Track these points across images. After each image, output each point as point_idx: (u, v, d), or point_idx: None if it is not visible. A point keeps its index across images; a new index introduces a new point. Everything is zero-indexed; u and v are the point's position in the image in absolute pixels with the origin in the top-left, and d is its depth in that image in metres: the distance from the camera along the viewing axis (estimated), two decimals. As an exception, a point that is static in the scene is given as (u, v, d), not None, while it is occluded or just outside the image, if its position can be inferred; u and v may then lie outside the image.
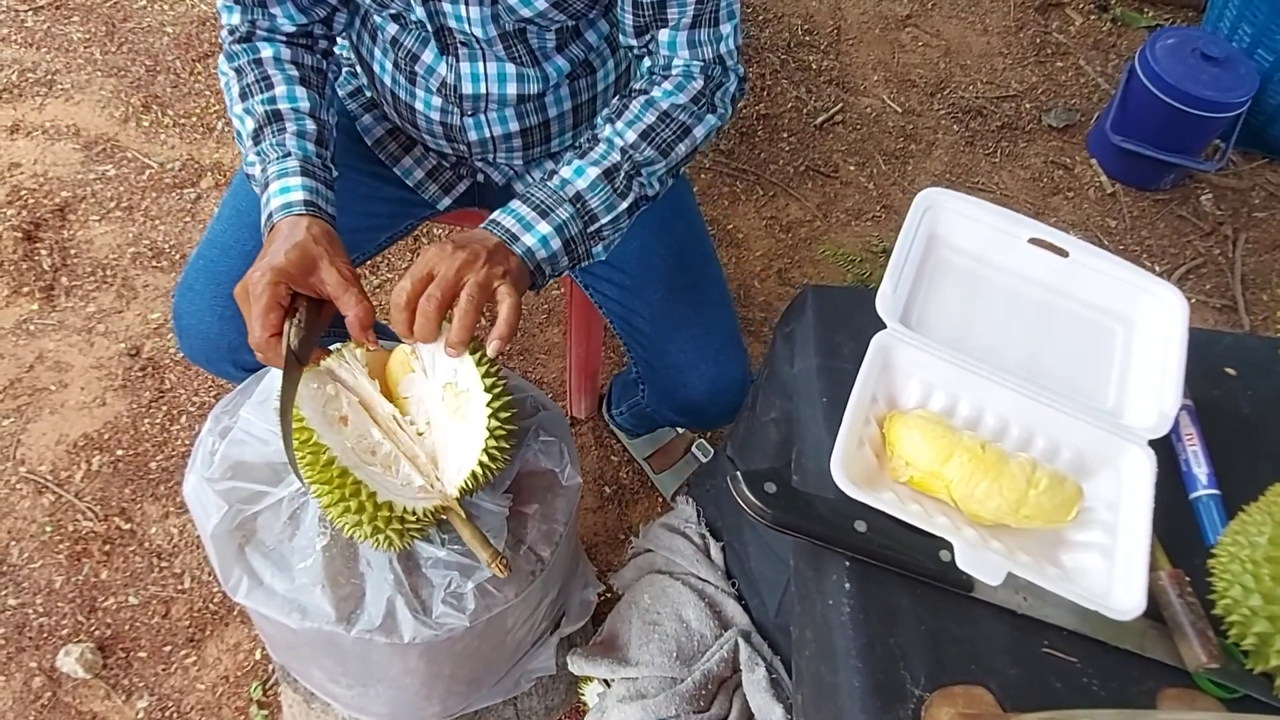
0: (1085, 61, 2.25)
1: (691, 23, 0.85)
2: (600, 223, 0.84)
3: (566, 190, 0.82)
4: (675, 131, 0.86)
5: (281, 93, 0.85)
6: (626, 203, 0.85)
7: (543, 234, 0.80)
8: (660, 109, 0.86)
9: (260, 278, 0.73)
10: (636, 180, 0.85)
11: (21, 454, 1.38)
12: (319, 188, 0.81)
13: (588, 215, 0.83)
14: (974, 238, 0.76)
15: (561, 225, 0.81)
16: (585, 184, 0.82)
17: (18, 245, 1.56)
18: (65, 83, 1.79)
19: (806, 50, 2.15)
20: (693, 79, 0.87)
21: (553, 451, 0.90)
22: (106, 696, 1.22)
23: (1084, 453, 0.68)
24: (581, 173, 0.83)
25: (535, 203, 0.81)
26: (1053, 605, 0.61)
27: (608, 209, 0.84)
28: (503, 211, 0.81)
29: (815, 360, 0.72)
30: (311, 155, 0.83)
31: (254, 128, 0.84)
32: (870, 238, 1.86)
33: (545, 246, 0.80)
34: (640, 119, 0.85)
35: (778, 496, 0.60)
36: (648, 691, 0.95)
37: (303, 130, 0.84)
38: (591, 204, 0.83)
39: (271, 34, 0.89)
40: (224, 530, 0.81)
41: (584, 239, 0.83)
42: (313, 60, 0.91)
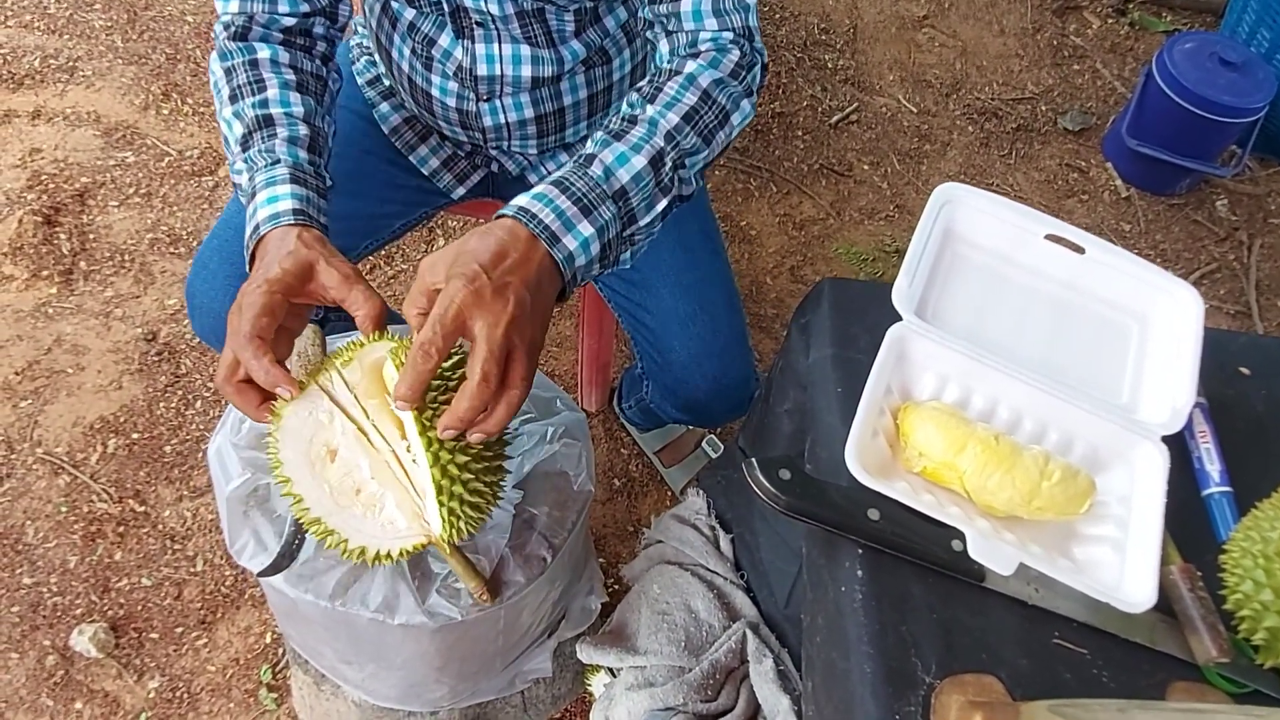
0: (1102, 65, 2.25)
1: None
2: (638, 224, 0.74)
3: (611, 184, 0.70)
4: (717, 116, 0.77)
5: (274, 95, 0.79)
6: (665, 201, 0.75)
7: (585, 236, 0.68)
8: (701, 87, 0.76)
9: (254, 289, 0.66)
10: (679, 173, 0.75)
11: (39, 435, 1.40)
12: (310, 195, 0.74)
13: (628, 215, 0.72)
14: (991, 233, 0.77)
15: (604, 226, 0.70)
16: (629, 176, 0.71)
17: (37, 229, 1.57)
18: (86, 70, 1.81)
19: (822, 49, 2.15)
20: (727, 51, 0.78)
21: (571, 455, 0.90)
22: (118, 676, 1.24)
23: (1097, 447, 0.68)
24: (625, 161, 0.71)
25: (576, 195, 0.69)
26: (1064, 597, 0.62)
27: (647, 208, 0.73)
28: (536, 199, 0.67)
29: (830, 351, 0.72)
30: (303, 162, 0.77)
31: (242, 133, 0.78)
32: (883, 237, 1.86)
33: (585, 252, 0.68)
34: (680, 99, 0.75)
35: (792, 483, 0.61)
36: (656, 680, 0.96)
37: (295, 136, 0.78)
38: (634, 201, 0.72)
39: (269, 30, 0.84)
40: (240, 495, 0.82)
41: (618, 243, 0.73)
42: (312, 66, 0.86)
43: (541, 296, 0.65)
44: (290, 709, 1.23)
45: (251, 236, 0.73)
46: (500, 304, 0.61)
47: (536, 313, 0.64)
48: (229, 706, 1.23)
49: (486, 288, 0.61)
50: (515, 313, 0.61)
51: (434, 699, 1.02)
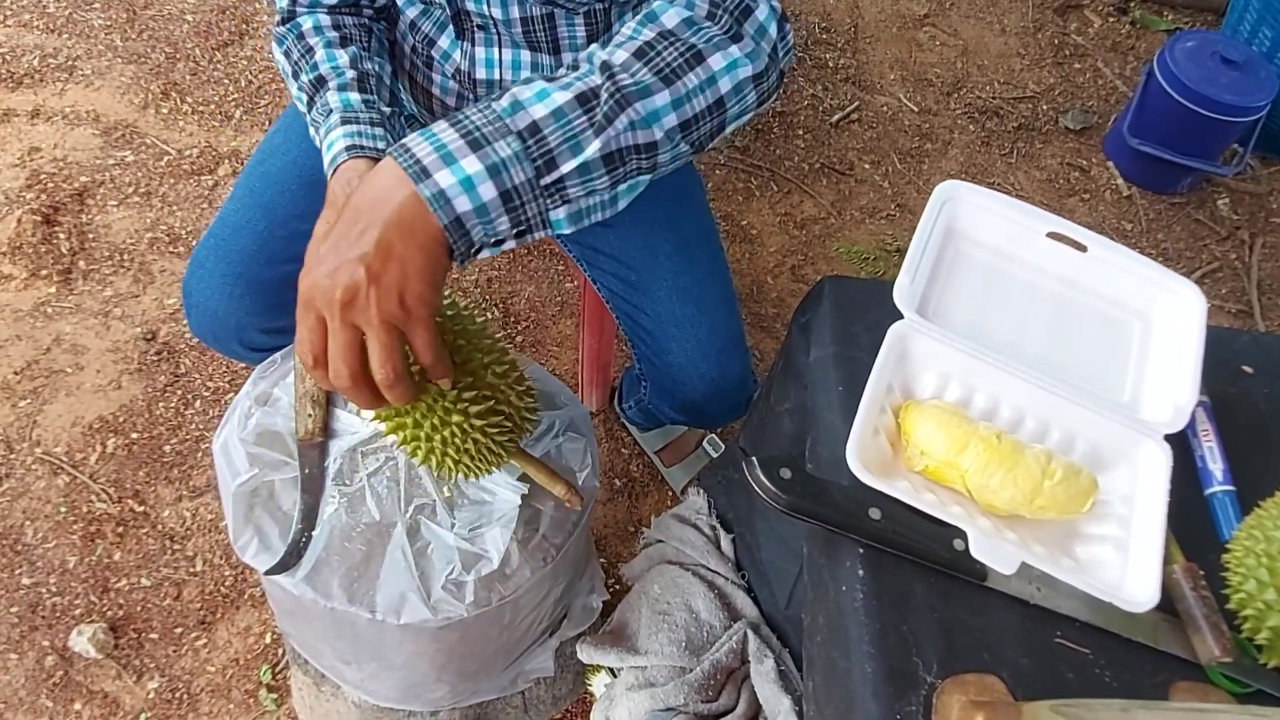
0: (1103, 63, 2.24)
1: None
2: (562, 170, 0.58)
3: (518, 118, 0.57)
4: (682, 54, 0.62)
5: (322, 57, 0.84)
6: (601, 142, 0.58)
7: (468, 173, 0.56)
8: (662, 26, 0.63)
9: (310, 245, 0.63)
10: (627, 114, 0.59)
11: (37, 435, 1.40)
12: (360, 129, 0.78)
13: (544, 157, 0.58)
14: (992, 231, 0.76)
15: (500, 165, 0.56)
16: (546, 111, 0.57)
17: (36, 229, 1.57)
18: (86, 68, 1.81)
19: (823, 48, 2.15)
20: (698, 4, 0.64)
21: (576, 451, 0.90)
22: (118, 676, 1.24)
23: (1099, 445, 0.68)
24: (544, 96, 0.58)
25: (467, 128, 0.57)
26: (1066, 596, 0.61)
27: (573, 149, 0.58)
28: (421, 133, 0.57)
29: (831, 349, 0.72)
30: (353, 104, 0.80)
31: (308, 100, 0.83)
32: (884, 236, 1.86)
33: (470, 193, 0.56)
34: (635, 37, 0.62)
35: (792, 482, 0.60)
36: (656, 681, 0.95)
37: (343, 84, 0.82)
38: (551, 140, 0.57)
39: (314, 8, 0.88)
40: (245, 491, 0.82)
41: (537, 194, 0.58)
42: (355, 21, 0.89)
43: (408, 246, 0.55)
44: (290, 709, 1.23)
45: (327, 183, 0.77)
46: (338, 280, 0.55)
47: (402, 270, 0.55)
48: (229, 707, 1.23)
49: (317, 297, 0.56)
50: (345, 299, 0.55)
51: (434, 699, 1.02)
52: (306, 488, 0.83)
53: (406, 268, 0.55)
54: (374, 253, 0.55)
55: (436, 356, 0.59)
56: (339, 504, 0.84)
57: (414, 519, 0.85)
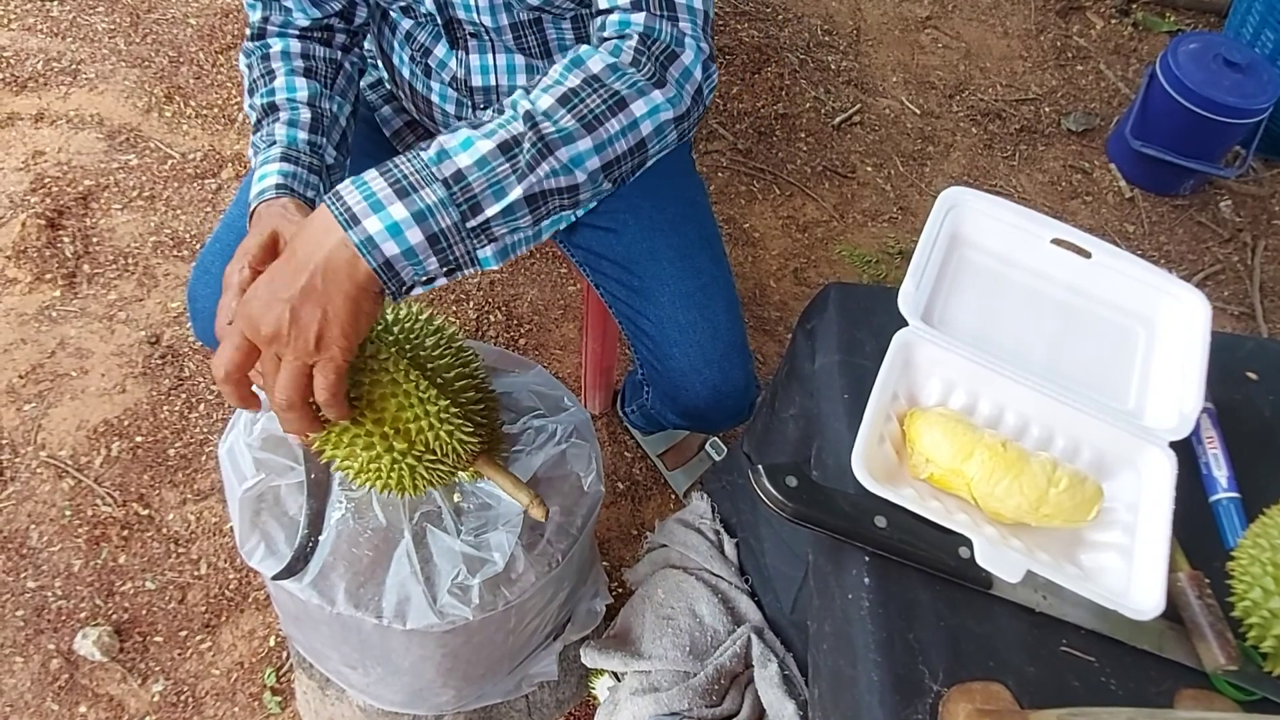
0: (1105, 66, 2.24)
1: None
2: (486, 214, 0.62)
3: (444, 167, 0.61)
4: (605, 101, 0.65)
5: (280, 84, 0.84)
6: (523, 187, 0.62)
7: (395, 220, 0.59)
8: (588, 71, 0.66)
9: (230, 267, 0.68)
10: (549, 161, 0.63)
11: (42, 439, 1.40)
12: (297, 171, 0.78)
13: (469, 202, 0.61)
14: (996, 237, 0.76)
15: (425, 211, 0.60)
16: (471, 160, 0.61)
17: (41, 232, 1.57)
18: (89, 72, 1.81)
19: (826, 50, 2.15)
20: (629, 39, 0.68)
21: (580, 456, 0.90)
22: (123, 680, 1.24)
23: (1104, 453, 0.68)
24: (468, 145, 0.62)
25: (396, 176, 0.60)
26: (1071, 604, 0.61)
27: (497, 194, 0.62)
28: (352, 181, 0.61)
29: (837, 357, 0.72)
30: (299, 142, 0.80)
31: (255, 121, 0.84)
32: (887, 239, 1.86)
33: (397, 237, 0.60)
34: (560, 83, 0.65)
35: (799, 490, 0.61)
36: (660, 685, 0.96)
37: (294, 119, 0.82)
38: (475, 186, 0.61)
39: (285, 29, 0.88)
40: (252, 495, 0.82)
41: (463, 235, 0.62)
42: (326, 52, 0.89)
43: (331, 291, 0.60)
44: (295, 713, 1.23)
45: (250, 217, 0.77)
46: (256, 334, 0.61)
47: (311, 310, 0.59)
48: (234, 710, 1.23)
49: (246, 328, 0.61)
50: (269, 334, 0.60)
51: (439, 703, 1.02)
52: (313, 493, 0.83)
53: (327, 312, 0.60)
54: (299, 295, 0.60)
55: (331, 397, 0.63)
56: (345, 509, 0.85)
57: (420, 524, 0.85)
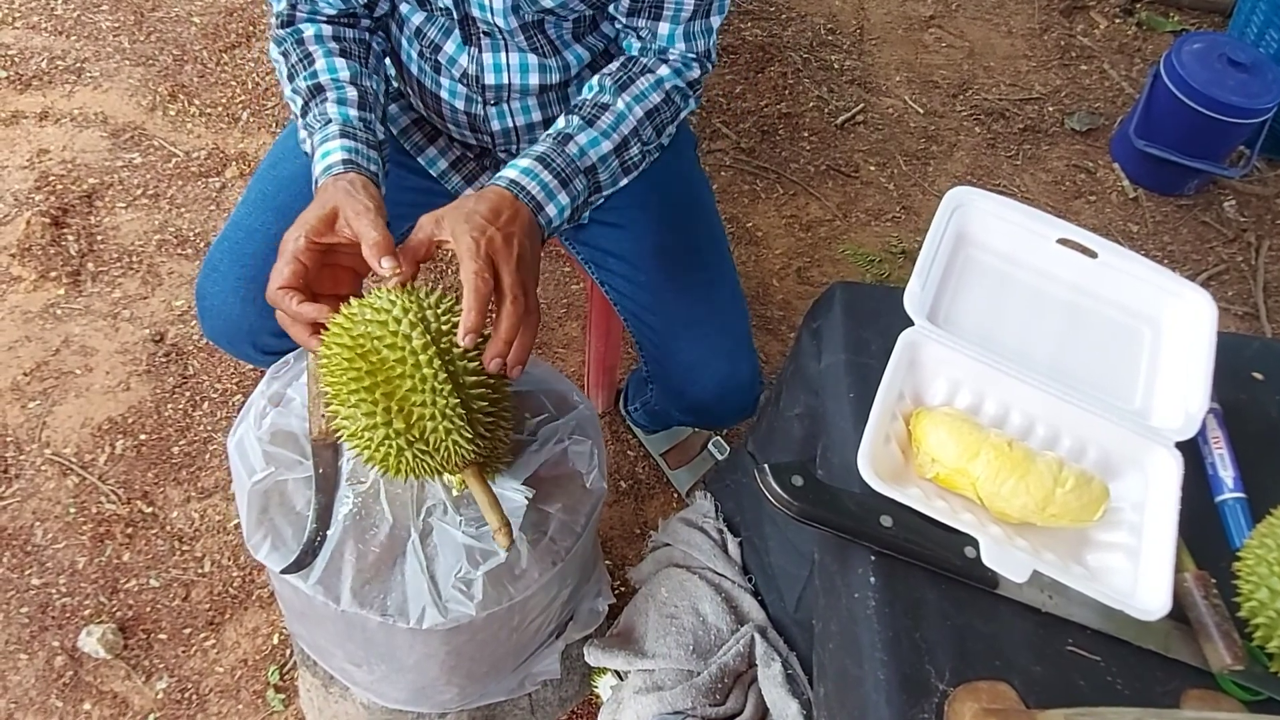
0: (1110, 65, 2.24)
1: (690, 15, 0.88)
2: (602, 194, 0.86)
3: (583, 161, 0.82)
4: (671, 113, 0.90)
5: (322, 66, 0.86)
6: (626, 180, 0.88)
7: (563, 204, 0.80)
8: (665, 90, 0.89)
9: (289, 234, 0.72)
10: (644, 162, 0.89)
11: (47, 436, 1.40)
12: (359, 147, 0.81)
13: (595, 187, 0.84)
14: (1003, 237, 0.76)
15: (577, 196, 0.82)
16: (598, 157, 0.83)
17: (45, 230, 1.58)
18: (94, 71, 1.81)
19: (829, 49, 2.15)
20: (690, 68, 0.91)
21: (583, 453, 0.90)
22: (127, 677, 1.24)
23: (1110, 453, 0.68)
24: (596, 144, 0.83)
25: (556, 169, 0.81)
26: (1077, 604, 0.61)
27: (612, 183, 0.86)
28: (523, 173, 0.79)
29: (842, 356, 0.72)
30: (351, 119, 0.83)
31: (302, 104, 0.85)
32: (890, 238, 1.86)
33: (561, 216, 0.81)
34: (647, 97, 0.87)
35: (804, 490, 0.61)
36: (664, 684, 0.96)
37: (342, 97, 0.84)
38: (601, 177, 0.84)
39: (313, 15, 0.89)
40: (260, 489, 0.82)
41: (581, 209, 0.85)
42: (355, 34, 0.91)
43: (533, 245, 0.77)
44: (298, 710, 1.23)
45: (314, 187, 0.79)
46: (509, 249, 0.72)
47: (533, 260, 0.76)
48: (237, 708, 1.24)
49: (497, 235, 0.72)
50: (520, 253, 0.73)
51: (443, 701, 1.02)
52: (321, 487, 0.83)
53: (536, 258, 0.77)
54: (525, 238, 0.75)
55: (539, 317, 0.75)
56: (353, 504, 0.85)
57: (426, 521, 0.85)
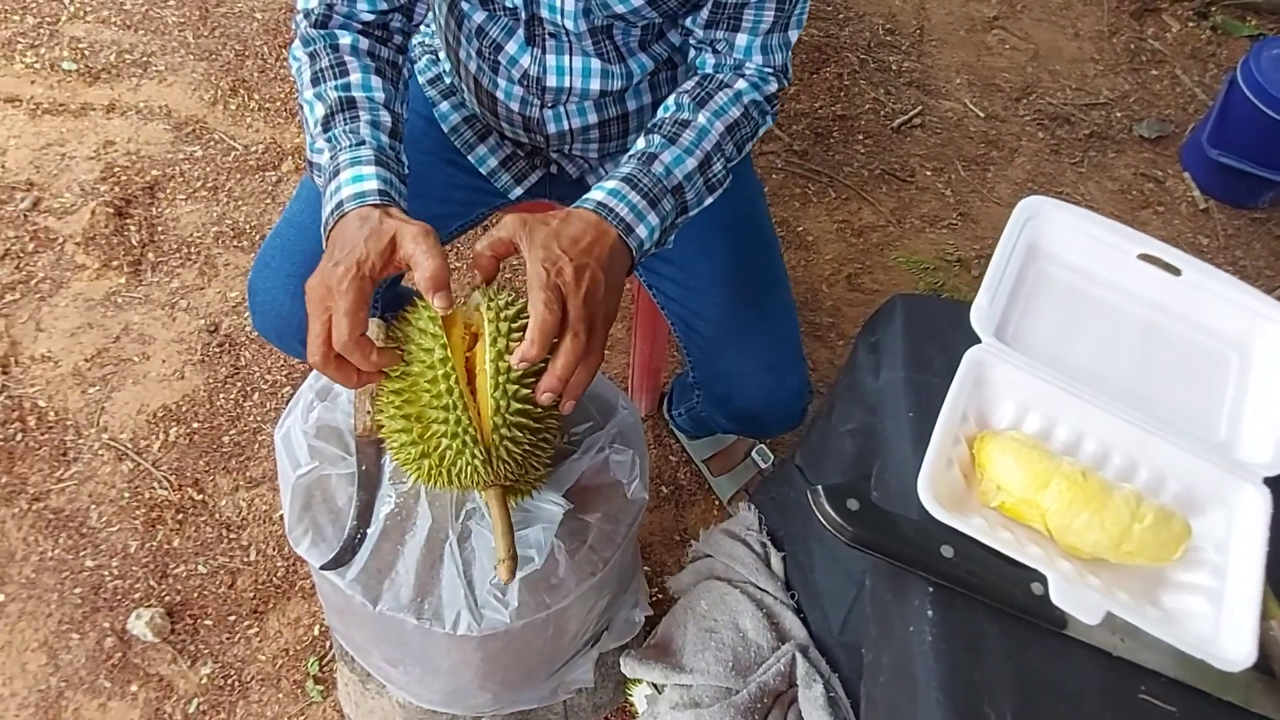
0: (1182, 70, 2.14)
1: (769, 28, 0.85)
2: (688, 215, 0.83)
3: (669, 180, 0.80)
4: (750, 129, 0.87)
5: (357, 80, 0.81)
6: (711, 198, 0.84)
7: (652, 225, 0.77)
8: (744, 104, 0.86)
9: (345, 273, 0.67)
10: (718, 175, 0.85)
11: (105, 421, 1.44)
12: (392, 179, 0.76)
13: (682, 208, 0.81)
14: (1078, 250, 0.72)
15: (666, 216, 0.79)
16: (683, 175, 0.81)
17: (109, 220, 1.62)
18: (160, 65, 1.86)
19: (888, 50, 2.09)
20: (767, 82, 0.88)
21: (624, 462, 0.88)
22: (173, 661, 1.26)
23: (1192, 487, 0.64)
24: (681, 162, 0.81)
25: (644, 189, 0.78)
26: (1151, 649, 0.58)
27: (697, 202, 0.83)
28: (610, 194, 0.76)
29: (903, 373, 0.69)
30: (385, 146, 0.78)
31: (324, 113, 0.79)
32: (945, 246, 1.80)
33: (651, 238, 0.77)
34: (727, 112, 0.85)
35: (860, 514, 0.58)
36: (701, 701, 0.94)
37: (377, 120, 0.79)
38: (688, 196, 0.81)
39: (349, 20, 0.86)
40: (304, 483, 0.83)
41: (669, 230, 0.81)
42: (388, 54, 0.87)
43: (613, 274, 0.73)
44: (335, 702, 1.24)
45: (333, 214, 0.73)
46: (579, 281, 0.69)
47: (610, 289, 0.72)
48: (277, 696, 1.25)
49: (568, 266, 0.68)
50: (591, 288, 0.69)
51: (477, 704, 1.01)
52: (363, 484, 0.83)
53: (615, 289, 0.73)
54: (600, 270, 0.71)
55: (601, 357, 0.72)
56: (394, 504, 0.84)
57: (465, 524, 0.85)
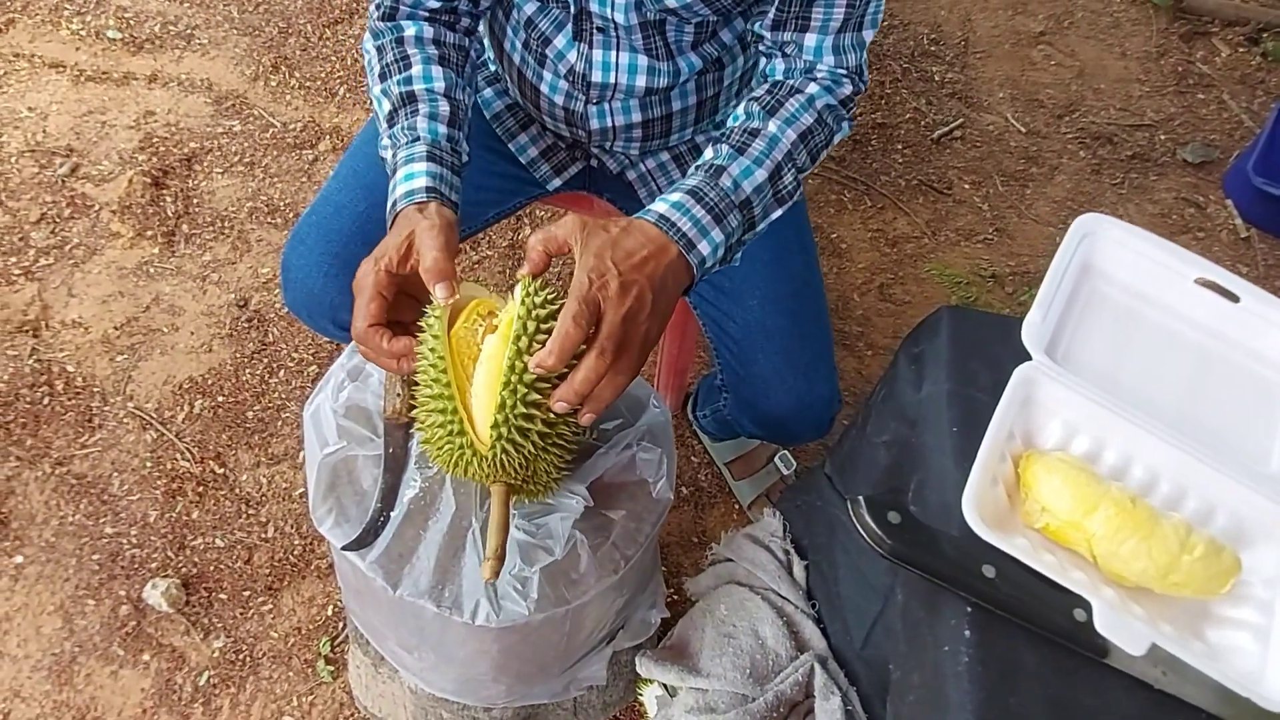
0: (1229, 96, 2.10)
1: (840, 26, 0.82)
2: (755, 231, 0.79)
3: (738, 194, 0.76)
4: (825, 136, 0.82)
5: (418, 73, 0.83)
6: (779, 210, 0.81)
7: (717, 242, 0.74)
8: (817, 109, 0.82)
9: (368, 268, 0.71)
10: (789, 185, 0.81)
11: (131, 390, 1.45)
12: (443, 173, 0.78)
13: (750, 221, 0.77)
14: (1133, 271, 0.71)
15: (732, 233, 0.75)
16: (752, 188, 0.77)
17: (146, 190, 1.63)
18: (203, 38, 1.87)
19: (931, 60, 2.07)
20: (840, 84, 0.84)
21: (651, 461, 0.87)
22: (186, 633, 1.27)
23: (1242, 520, 0.62)
24: (750, 174, 0.77)
25: (710, 203, 0.74)
26: (1193, 683, 0.56)
27: (764, 215, 0.79)
28: (675, 208, 0.73)
29: (946, 386, 0.67)
30: (440, 138, 0.80)
31: (389, 109, 0.83)
32: (980, 260, 1.78)
33: (714, 255, 0.74)
34: (799, 118, 0.81)
35: (901, 528, 0.57)
36: (718, 706, 0.93)
37: (435, 112, 0.81)
38: (755, 210, 0.77)
39: (415, 9, 0.87)
40: (331, 462, 0.82)
41: (735, 248, 0.78)
42: (454, 38, 0.88)
43: (665, 295, 0.69)
44: (345, 684, 1.24)
45: (390, 211, 0.77)
46: (622, 298, 0.66)
47: (656, 311, 0.68)
48: (288, 674, 1.25)
49: (614, 280, 0.66)
50: (634, 307, 0.66)
51: (489, 696, 1.01)
52: (389, 467, 0.83)
53: (663, 312, 0.70)
54: (649, 290, 0.68)
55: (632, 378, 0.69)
56: (419, 489, 0.84)
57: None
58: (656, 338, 0.70)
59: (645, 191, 1.08)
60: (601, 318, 0.65)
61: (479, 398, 0.68)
